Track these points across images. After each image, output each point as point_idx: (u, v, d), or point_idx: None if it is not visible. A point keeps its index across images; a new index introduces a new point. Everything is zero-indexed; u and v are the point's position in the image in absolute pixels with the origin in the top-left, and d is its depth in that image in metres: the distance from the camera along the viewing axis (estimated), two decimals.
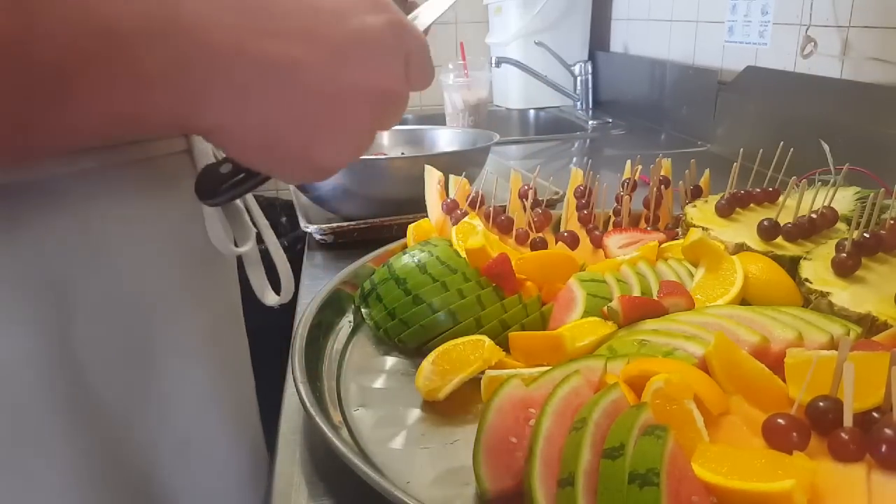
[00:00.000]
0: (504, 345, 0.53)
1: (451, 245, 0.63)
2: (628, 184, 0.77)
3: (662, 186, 0.77)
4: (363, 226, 0.82)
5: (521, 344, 0.52)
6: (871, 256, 0.57)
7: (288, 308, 0.61)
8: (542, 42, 1.76)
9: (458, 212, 0.72)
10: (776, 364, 0.44)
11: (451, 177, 0.78)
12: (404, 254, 0.62)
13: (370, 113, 0.39)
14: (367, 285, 0.61)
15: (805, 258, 0.58)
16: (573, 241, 0.69)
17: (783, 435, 0.37)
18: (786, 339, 0.46)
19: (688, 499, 0.32)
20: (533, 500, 0.35)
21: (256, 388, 0.60)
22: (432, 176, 0.77)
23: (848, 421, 0.36)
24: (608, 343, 0.50)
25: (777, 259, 0.59)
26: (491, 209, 0.74)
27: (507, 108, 1.94)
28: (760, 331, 0.47)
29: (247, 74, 0.33)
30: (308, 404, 0.45)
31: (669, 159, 0.81)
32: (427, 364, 0.51)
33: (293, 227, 1.39)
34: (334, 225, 0.82)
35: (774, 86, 1.17)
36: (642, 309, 0.52)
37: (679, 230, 0.72)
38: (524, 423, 0.40)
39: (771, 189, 0.72)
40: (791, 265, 0.58)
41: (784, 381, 0.43)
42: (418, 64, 0.40)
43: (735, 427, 0.40)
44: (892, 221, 0.59)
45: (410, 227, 0.72)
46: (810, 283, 0.54)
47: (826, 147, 0.78)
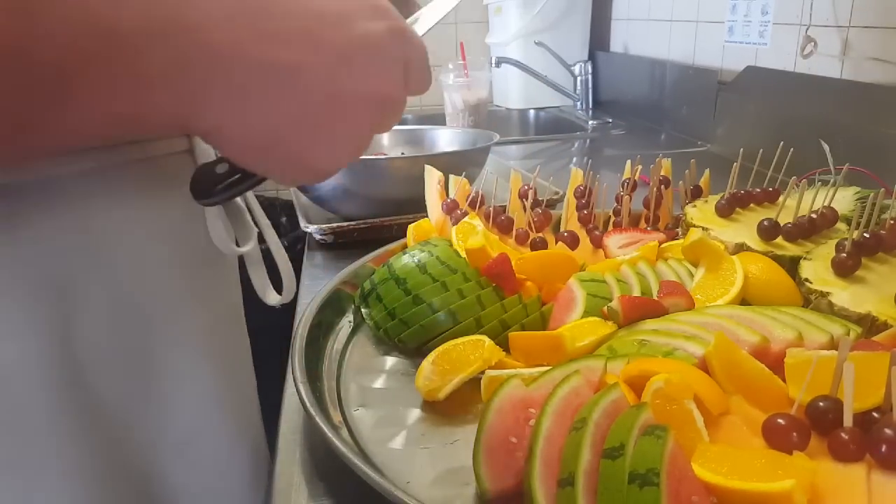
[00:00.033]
0: (504, 345, 0.53)
1: (451, 245, 0.63)
2: (628, 184, 0.77)
3: (662, 186, 0.77)
4: (363, 226, 0.82)
5: (521, 344, 0.52)
6: (871, 256, 0.57)
7: (288, 308, 0.61)
8: (542, 42, 1.76)
9: (458, 212, 0.72)
10: (776, 364, 0.44)
11: (451, 177, 0.78)
12: (404, 254, 0.62)
13: (369, 118, 0.39)
14: (367, 285, 0.61)
15: (805, 258, 0.58)
16: (573, 241, 0.69)
17: (783, 435, 0.37)
18: (786, 339, 0.46)
19: (688, 499, 0.32)
20: (533, 500, 0.35)
21: (257, 387, 0.60)
22: (432, 176, 0.77)
23: (848, 421, 0.36)
24: (608, 343, 0.50)
25: (777, 259, 0.59)
26: (491, 209, 0.74)
27: (507, 108, 1.94)
28: (760, 331, 0.47)
29: (247, 76, 0.33)
30: (308, 404, 0.45)
31: (669, 159, 0.81)
32: (427, 364, 0.51)
33: (293, 227, 1.39)
34: (334, 225, 0.82)
35: (774, 86, 1.17)
36: (642, 309, 0.52)
37: (679, 230, 0.72)
38: (524, 423, 0.40)
39: (771, 189, 0.72)
40: (791, 265, 0.58)
41: (784, 381, 0.43)
42: (417, 70, 0.41)
43: (735, 427, 0.40)
44: (892, 221, 0.59)
45: (410, 227, 0.72)
46: (810, 283, 0.54)
47: (826, 147, 0.78)
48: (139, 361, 0.44)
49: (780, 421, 0.37)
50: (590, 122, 1.71)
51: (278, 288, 0.57)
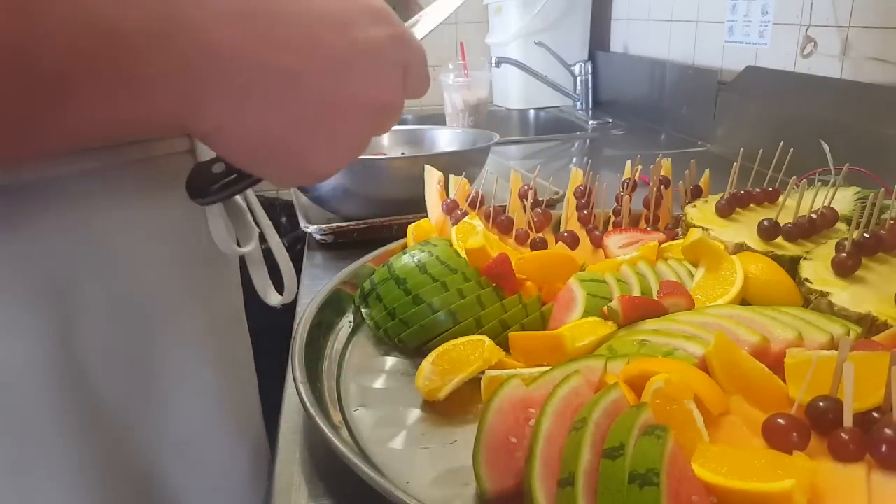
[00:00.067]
0: (504, 345, 0.53)
1: (451, 245, 0.63)
2: (628, 184, 0.77)
3: (662, 186, 0.77)
4: (363, 226, 0.82)
5: (521, 344, 0.52)
6: (871, 256, 0.57)
7: (288, 308, 0.61)
8: (542, 42, 1.76)
9: (458, 212, 0.72)
10: (776, 364, 0.44)
11: (451, 177, 0.78)
12: (404, 254, 0.62)
13: (367, 122, 0.39)
14: (367, 285, 0.61)
15: (805, 258, 0.58)
16: (573, 241, 0.69)
17: (783, 435, 0.37)
18: (786, 339, 0.46)
19: (688, 499, 0.32)
20: (533, 500, 0.35)
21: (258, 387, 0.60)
22: (432, 176, 0.77)
23: (848, 421, 0.36)
24: (608, 343, 0.50)
25: (777, 259, 0.59)
26: (491, 209, 0.74)
27: (507, 108, 1.94)
28: (760, 331, 0.47)
29: (247, 79, 0.33)
30: (308, 404, 0.45)
31: (669, 159, 0.81)
32: (427, 364, 0.51)
33: (293, 227, 1.39)
34: (334, 225, 0.82)
35: (774, 86, 1.17)
36: (642, 309, 0.52)
37: (679, 230, 0.72)
38: (524, 423, 0.40)
39: (771, 189, 0.72)
40: (791, 265, 0.58)
41: (784, 381, 0.43)
42: (416, 75, 0.41)
43: (735, 427, 0.40)
44: (892, 221, 0.59)
45: (410, 227, 0.72)
46: (810, 283, 0.54)
47: (826, 147, 0.78)
48: (140, 361, 0.44)
49: (780, 421, 0.37)
50: (590, 122, 1.71)
51: (279, 288, 0.57)
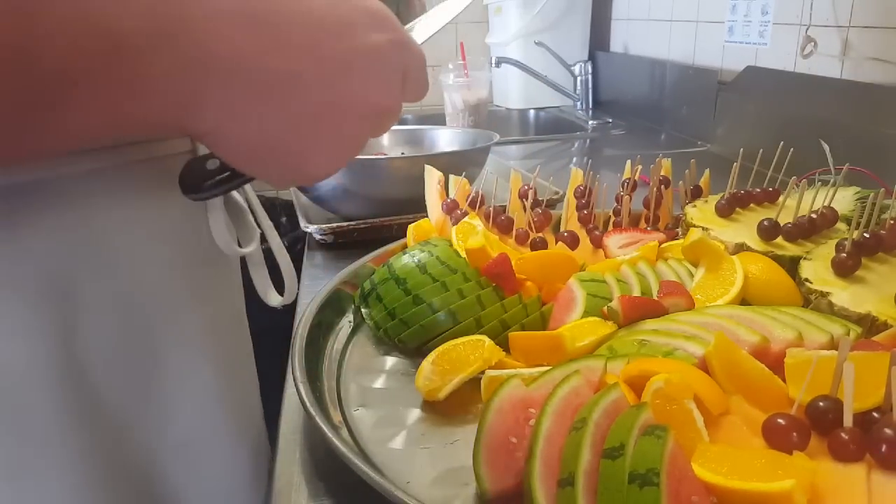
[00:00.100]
0: (504, 345, 0.53)
1: (451, 245, 0.63)
2: (628, 184, 0.77)
3: (662, 186, 0.77)
4: (363, 226, 0.82)
5: (521, 344, 0.52)
6: (871, 256, 0.57)
7: (288, 308, 0.61)
8: (542, 42, 1.76)
9: (458, 212, 0.72)
10: (776, 364, 0.44)
11: (451, 177, 0.78)
12: (404, 254, 0.62)
13: (365, 126, 0.39)
14: (367, 285, 0.61)
15: (805, 258, 0.58)
16: (573, 241, 0.69)
17: (783, 435, 0.37)
18: (786, 339, 0.46)
19: (688, 499, 0.32)
20: (533, 500, 0.35)
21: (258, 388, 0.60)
22: (432, 176, 0.77)
23: (848, 421, 0.36)
24: (608, 343, 0.50)
25: (777, 259, 0.59)
26: (491, 209, 0.74)
27: (507, 108, 1.94)
28: (760, 331, 0.47)
29: (246, 82, 0.33)
30: (308, 404, 0.45)
31: (669, 159, 0.81)
32: (427, 364, 0.51)
33: (293, 227, 1.39)
34: (334, 225, 0.82)
35: (774, 86, 1.17)
36: (642, 309, 0.52)
37: (679, 230, 0.72)
38: (524, 423, 0.40)
39: (771, 189, 0.72)
40: (791, 265, 0.58)
41: (784, 381, 0.43)
42: (415, 80, 0.41)
43: (735, 427, 0.40)
44: (892, 221, 0.59)
45: (410, 227, 0.72)
46: (810, 283, 0.54)
47: (826, 147, 0.78)
48: (141, 361, 0.44)
49: (780, 421, 0.37)
50: (590, 122, 1.71)
51: (279, 289, 0.57)
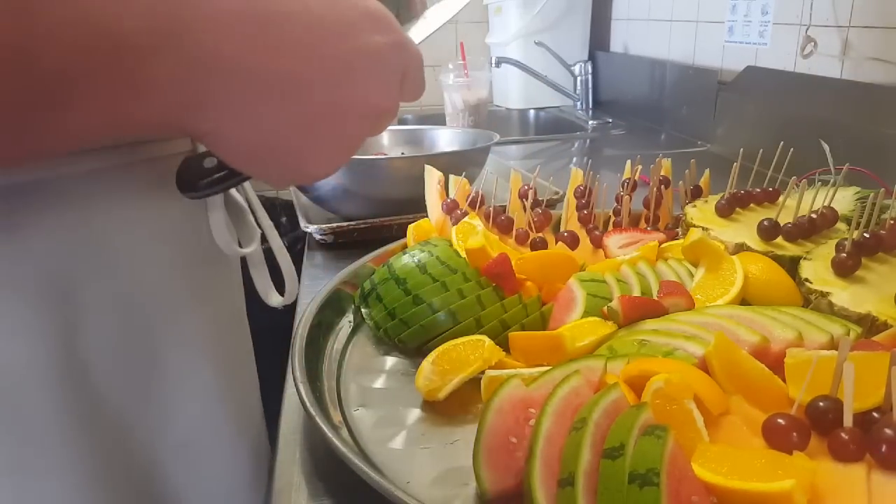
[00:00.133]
0: (504, 345, 0.53)
1: (451, 245, 0.63)
2: (628, 184, 0.77)
3: (662, 186, 0.77)
4: (363, 226, 0.82)
5: (521, 344, 0.52)
6: (871, 256, 0.57)
7: (288, 308, 0.61)
8: (542, 42, 1.76)
9: (458, 212, 0.72)
10: (776, 364, 0.44)
11: (451, 177, 0.78)
12: (404, 254, 0.62)
13: (364, 127, 0.40)
14: (367, 285, 0.61)
15: (805, 258, 0.58)
16: (573, 241, 0.69)
17: (783, 435, 0.37)
18: (786, 339, 0.46)
19: (688, 499, 0.32)
20: (533, 500, 0.35)
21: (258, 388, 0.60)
22: (432, 176, 0.77)
23: (848, 421, 0.36)
24: (608, 343, 0.50)
25: (777, 259, 0.59)
26: (491, 209, 0.74)
27: (507, 108, 1.94)
28: (760, 331, 0.47)
29: (246, 84, 0.33)
30: (308, 404, 0.45)
31: (669, 159, 0.81)
32: (427, 364, 0.51)
33: (293, 227, 1.39)
34: (334, 225, 0.82)
35: (774, 86, 1.17)
36: (642, 309, 0.52)
37: (679, 230, 0.72)
38: (524, 423, 0.40)
39: (771, 189, 0.72)
40: (791, 265, 0.58)
41: (784, 381, 0.43)
42: (413, 80, 0.42)
43: (735, 427, 0.40)
44: (892, 221, 0.59)
45: (410, 227, 0.72)
46: (810, 283, 0.54)
47: (826, 147, 0.78)
48: (141, 362, 0.44)
49: (780, 421, 0.37)
50: (590, 122, 1.71)
51: (280, 289, 0.57)
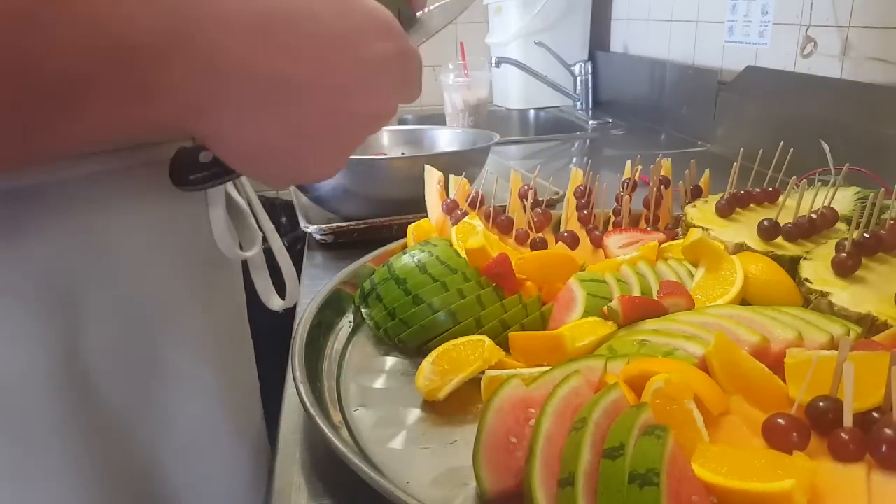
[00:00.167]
0: (504, 345, 0.53)
1: (451, 245, 0.63)
2: (628, 184, 0.77)
3: (662, 186, 0.77)
4: (363, 226, 0.82)
5: (521, 344, 0.52)
6: (871, 256, 0.57)
7: (289, 309, 0.61)
8: (542, 42, 1.76)
9: (458, 212, 0.72)
10: (776, 364, 0.44)
11: (451, 177, 0.78)
12: (404, 254, 0.62)
13: (365, 131, 0.40)
14: (367, 285, 0.61)
15: (805, 258, 0.58)
16: (573, 241, 0.69)
17: (783, 435, 0.37)
18: (786, 339, 0.46)
19: (688, 499, 0.32)
20: (533, 500, 0.35)
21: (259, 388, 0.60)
22: (432, 176, 0.77)
23: (848, 421, 0.36)
24: (608, 343, 0.50)
25: (777, 259, 0.59)
26: (491, 209, 0.74)
27: (507, 108, 1.94)
28: (760, 331, 0.47)
29: (253, 90, 0.33)
30: (308, 404, 0.45)
31: (669, 159, 0.81)
32: (427, 364, 0.51)
33: (293, 227, 1.39)
34: (334, 225, 0.82)
35: (774, 86, 1.17)
36: (642, 309, 0.52)
37: (679, 230, 0.72)
38: (524, 423, 0.40)
39: (771, 189, 0.72)
40: (791, 265, 0.58)
41: (784, 381, 0.43)
42: (413, 84, 0.42)
43: (735, 427, 0.40)
44: (892, 221, 0.59)
45: (410, 227, 0.72)
46: (810, 283, 0.54)
47: (826, 147, 0.78)
48: (142, 365, 0.44)
49: (780, 421, 0.37)
50: (590, 122, 1.71)
51: (280, 290, 0.57)
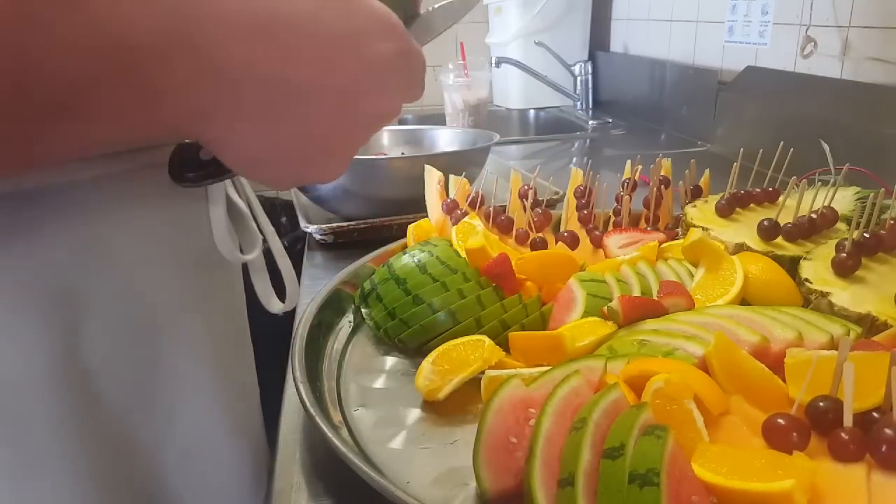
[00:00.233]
0: (504, 345, 0.53)
1: (451, 245, 0.63)
2: (628, 184, 0.77)
3: (662, 186, 0.77)
4: (363, 226, 0.82)
5: (521, 344, 0.52)
6: (871, 256, 0.57)
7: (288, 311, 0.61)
8: (542, 42, 1.76)
9: (458, 212, 0.72)
10: (776, 364, 0.44)
11: (451, 177, 0.78)
12: (404, 254, 0.62)
13: (368, 132, 0.40)
14: (367, 285, 0.61)
15: (805, 258, 0.58)
16: (573, 241, 0.69)
17: (783, 435, 0.37)
18: (786, 339, 0.46)
19: (688, 499, 0.32)
20: (533, 500, 0.35)
21: (258, 388, 0.60)
22: (432, 176, 0.77)
23: (848, 421, 0.36)
24: (608, 343, 0.50)
25: (777, 259, 0.59)
26: (491, 209, 0.74)
27: (507, 108, 1.94)
28: (760, 331, 0.47)
29: (256, 94, 0.32)
30: (308, 404, 0.45)
31: (669, 159, 0.81)
32: (427, 364, 0.51)
33: (293, 227, 1.39)
34: (334, 225, 0.82)
35: (774, 86, 1.17)
36: (642, 309, 0.52)
37: (679, 230, 0.72)
38: (524, 423, 0.40)
39: (771, 189, 0.72)
40: (791, 265, 0.58)
41: (784, 381, 0.43)
42: (416, 83, 0.42)
43: (735, 427, 0.40)
44: (892, 221, 0.59)
45: (410, 227, 0.72)
46: (810, 283, 0.54)
47: (826, 147, 0.78)
48: (143, 367, 0.44)
49: (780, 421, 0.37)
50: (590, 122, 1.71)
51: (279, 292, 0.57)
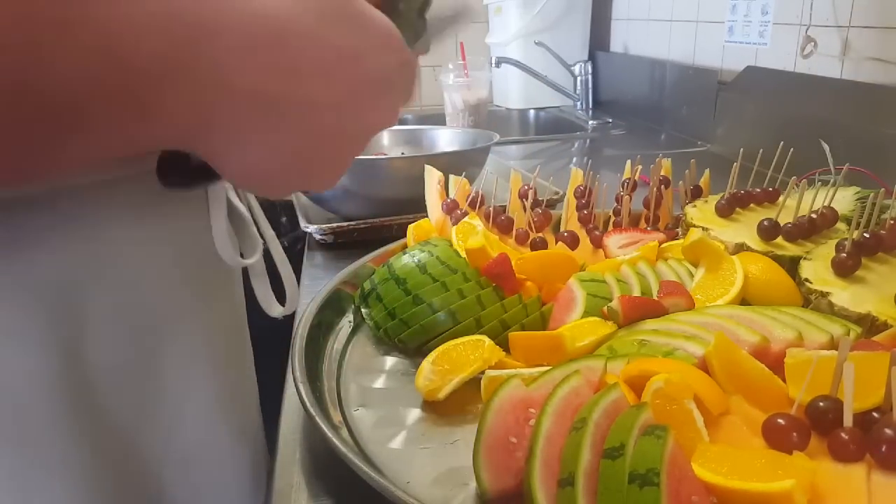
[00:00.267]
0: (504, 345, 0.53)
1: (451, 245, 0.63)
2: (628, 184, 0.77)
3: (662, 186, 0.77)
4: (363, 226, 0.82)
5: (521, 344, 0.52)
6: (871, 256, 0.57)
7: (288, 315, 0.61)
8: (542, 42, 1.76)
9: (458, 212, 0.72)
10: (776, 364, 0.44)
11: (451, 177, 0.78)
12: (404, 254, 0.62)
13: (367, 142, 0.40)
14: (367, 285, 0.61)
15: (805, 258, 0.58)
16: (573, 241, 0.69)
17: (783, 435, 0.37)
18: (786, 339, 0.46)
19: (688, 499, 0.32)
20: (533, 500, 0.35)
21: (257, 388, 0.60)
22: (432, 176, 0.77)
23: (848, 421, 0.36)
24: (608, 343, 0.50)
25: (777, 259, 0.59)
26: (491, 209, 0.74)
27: (507, 108, 1.94)
28: (760, 331, 0.47)
29: (256, 110, 0.32)
30: (308, 404, 0.45)
31: (669, 159, 0.81)
32: (427, 364, 0.51)
33: (293, 227, 1.39)
34: (334, 225, 0.82)
35: (774, 86, 1.17)
36: (642, 309, 0.52)
37: (679, 230, 0.72)
38: (524, 423, 0.40)
39: (771, 189, 0.72)
40: (791, 265, 0.58)
41: (784, 381, 0.43)
42: (411, 91, 0.42)
43: (735, 427, 0.40)
44: (892, 221, 0.59)
45: (410, 227, 0.72)
46: (810, 283, 0.54)
47: (826, 147, 0.78)
48: (143, 371, 0.44)
49: (780, 421, 0.37)
50: (590, 122, 1.71)
51: (279, 295, 0.57)
